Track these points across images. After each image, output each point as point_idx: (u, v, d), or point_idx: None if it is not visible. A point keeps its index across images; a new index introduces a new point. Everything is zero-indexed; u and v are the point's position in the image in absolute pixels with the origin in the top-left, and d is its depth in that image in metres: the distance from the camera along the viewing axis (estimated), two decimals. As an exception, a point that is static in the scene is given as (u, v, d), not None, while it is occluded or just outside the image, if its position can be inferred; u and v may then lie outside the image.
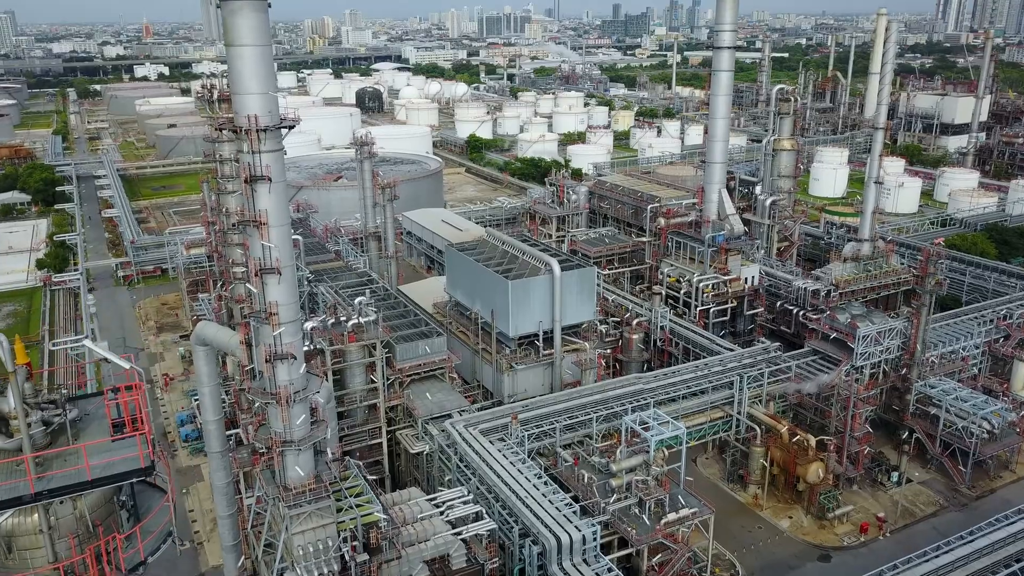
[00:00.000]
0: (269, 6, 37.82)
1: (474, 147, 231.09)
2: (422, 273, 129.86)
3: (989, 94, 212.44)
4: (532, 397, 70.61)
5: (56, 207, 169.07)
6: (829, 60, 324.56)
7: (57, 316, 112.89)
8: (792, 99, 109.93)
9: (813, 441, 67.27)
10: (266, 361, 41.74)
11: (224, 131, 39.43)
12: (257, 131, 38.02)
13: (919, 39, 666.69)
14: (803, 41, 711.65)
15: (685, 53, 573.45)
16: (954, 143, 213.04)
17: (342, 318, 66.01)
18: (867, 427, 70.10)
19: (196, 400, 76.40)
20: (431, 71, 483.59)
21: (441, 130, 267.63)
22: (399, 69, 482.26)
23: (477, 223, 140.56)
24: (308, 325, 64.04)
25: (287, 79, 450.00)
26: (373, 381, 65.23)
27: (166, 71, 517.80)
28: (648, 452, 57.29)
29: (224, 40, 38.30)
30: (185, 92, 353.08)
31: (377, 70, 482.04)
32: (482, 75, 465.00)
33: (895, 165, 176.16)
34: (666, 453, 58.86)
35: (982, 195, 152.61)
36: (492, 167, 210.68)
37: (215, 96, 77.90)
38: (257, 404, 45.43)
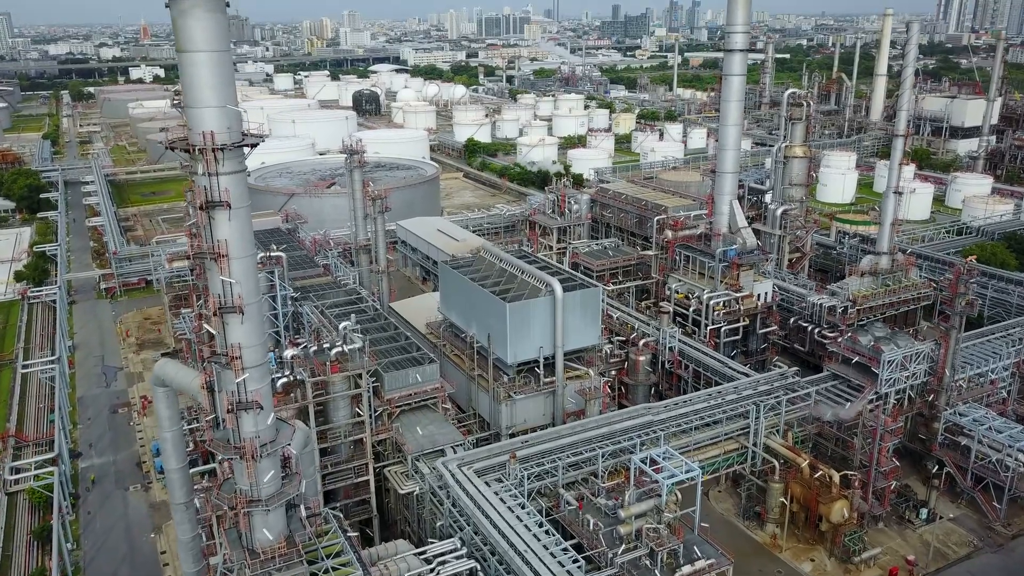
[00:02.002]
0: (227, 5, 32.48)
1: (472, 151, 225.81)
2: (417, 284, 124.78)
3: (999, 96, 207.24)
4: (531, 431, 65.33)
5: (40, 215, 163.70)
6: (833, 61, 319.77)
7: (34, 332, 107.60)
8: (805, 104, 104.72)
9: (837, 477, 62.04)
10: (228, 411, 36.46)
11: (175, 150, 33.99)
12: (214, 150, 32.68)
13: (920, 40, 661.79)
14: (804, 42, 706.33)
15: (685, 54, 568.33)
16: (964, 147, 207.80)
17: (325, 345, 60.77)
18: (894, 460, 64.82)
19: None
20: (429, 73, 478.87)
21: (439, 133, 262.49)
22: (397, 71, 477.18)
23: (475, 231, 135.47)
24: (288, 353, 59.10)
25: (284, 81, 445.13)
26: (359, 413, 59.97)
27: (162, 73, 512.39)
28: (659, 496, 52.14)
29: (175, 46, 33.04)
30: (179, 94, 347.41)
31: (375, 72, 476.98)
32: (481, 77, 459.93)
33: (905, 170, 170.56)
34: (679, 496, 53.66)
35: (997, 201, 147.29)
36: (491, 172, 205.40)
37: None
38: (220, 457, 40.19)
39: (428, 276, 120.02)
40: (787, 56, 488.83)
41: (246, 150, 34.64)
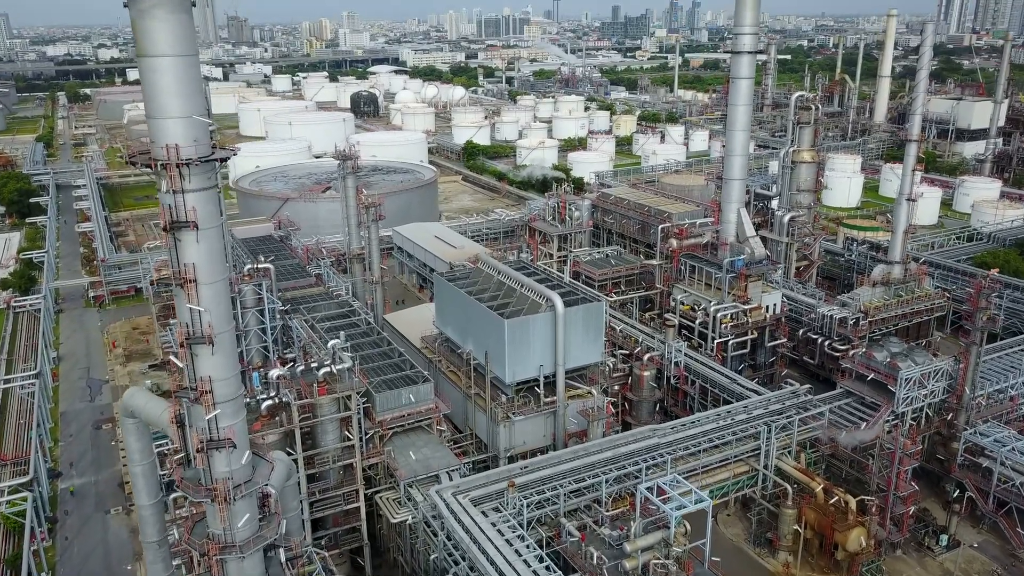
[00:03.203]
0: (193, 5, 29.22)
1: (471, 154, 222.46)
2: (414, 293, 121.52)
3: (1006, 98, 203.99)
4: (531, 454, 62.21)
5: (30, 220, 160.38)
6: (834, 62, 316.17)
7: (18, 343, 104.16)
8: (813, 107, 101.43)
9: (854, 503, 58.79)
10: (198, 451, 33.21)
11: (138, 165, 30.71)
12: (179, 165, 29.41)
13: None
14: (804, 43, 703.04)
15: (686, 55, 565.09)
16: (970, 149, 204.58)
17: (313, 364, 57.52)
18: (912, 484, 61.56)
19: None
20: (428, 74, 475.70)
21: (437, 135, 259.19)
22: (396, 72, 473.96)
23: (473, 237, 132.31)
24: (274, 373, 55.89)
25: (282, 82, 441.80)
26: (349, 437, 56.71)
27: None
28: (667, 528, 48.95)
29: (136, 50, 29.77)
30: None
31: (374, 73, 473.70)
32: (480, 78, 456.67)
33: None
34: (688, 528, 50.43)
35: (1008, 206, 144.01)
36: (490, 175, 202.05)
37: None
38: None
39: (425, 284, 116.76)
40: (788, 57, 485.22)
41: (215, 165, 31.23)
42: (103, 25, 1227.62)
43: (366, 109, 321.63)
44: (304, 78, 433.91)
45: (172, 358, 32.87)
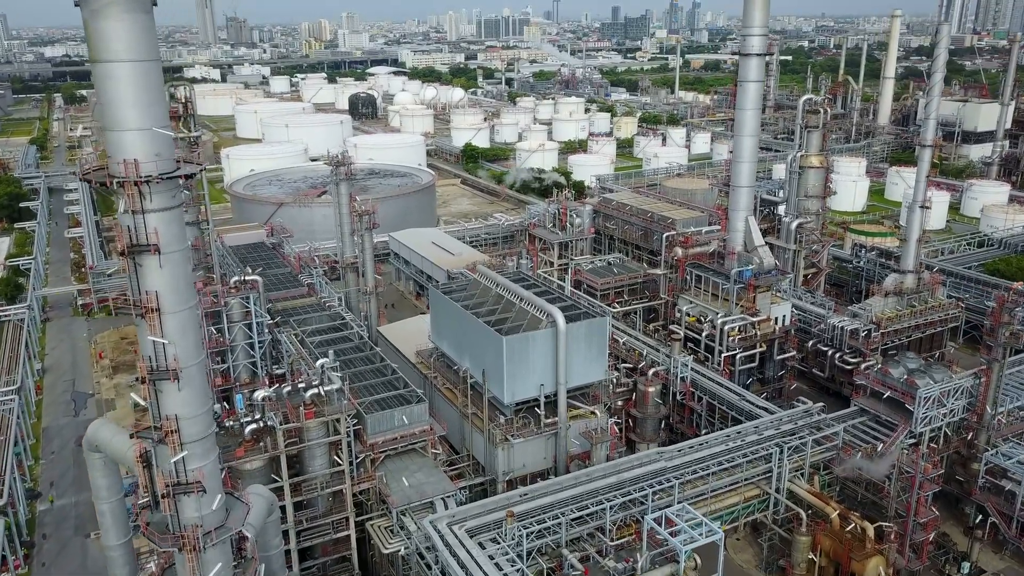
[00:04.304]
0: (154, 4, 26.12)
1: (470, 157, 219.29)
2: (411, 300, 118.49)
3: (1012, 100, 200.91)
4: (531, 477, 59.15)
5: (19, 225, 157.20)
6: (836, 63, 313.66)
7: (1, 354, 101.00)
8: (822, 111, 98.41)
9: (871, 529, 55.72)
10: (163, 496, 30.09)
11: (93, 184, 27.69)
12: (137, 183, 26.31)
13: (923, 41, 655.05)
14: (805, 44, 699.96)
15: (686, 56, 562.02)
16: (976, 152, 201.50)
17: (300, 385, 54.42)
18: (933, 510, 58.46)
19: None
20: (428, 75, 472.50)
21: (436, 138, 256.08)
22: (395, 73, 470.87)
23: (471, 243, 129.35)
24: (259, 395, 52.84)
25: (280, 84, 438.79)
26: (338, 462, 53.61)
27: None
28: (676, 562, 45.95)
29: (89, 54, 26.65)
30: (172, 98, 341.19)
31: (372, 74, 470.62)
32: (480, 79, 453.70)
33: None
34: (698, 561, 47.42)
35: (1018, 211, 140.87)
36: (489, 178, 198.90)
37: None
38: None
39: (422, 291, 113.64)
40: (789, 58, 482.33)
41: (180, 181, 28.13)
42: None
43: (364, 111, 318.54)
44: (302, 79, 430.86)
45: (134, 396, 29.80)
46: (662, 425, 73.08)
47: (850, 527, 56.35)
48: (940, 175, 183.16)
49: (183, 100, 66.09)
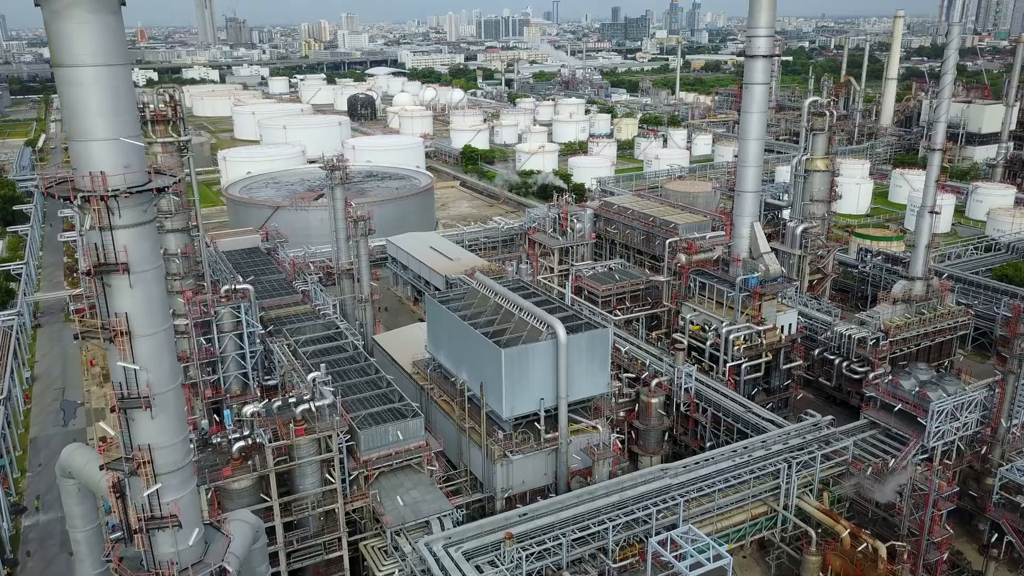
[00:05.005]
0: (123, 4, 24.10)
1: (469, 159, 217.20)
2: (408, 306, 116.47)
3: (1018, 101, 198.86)
4: (530, 493, 57.13)
5: (12, 228, 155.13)
6: (837, 64, 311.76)
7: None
8: (828, 113, 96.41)
9: (884, 549, 53.67)
10: (136, 531, 28.06)
11: (56, 198, 25.68)
12: (104, 197, 24.29)
13: (923, 42, 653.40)
14: (806, 44, 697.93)
15: (687, 57, 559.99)
16: (980, 154, 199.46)
17: (291, 399, 52.40)
18: (947, 528, 56.41)
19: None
20: (427, 76, 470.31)
21: (435, 139, 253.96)
22: (394, 74, 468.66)
23: (470, 247, 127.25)
24: (247, 410, 50.84)
25: (279, 85, 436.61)
26: (330, 480, 51.59)
27: (155, 76, 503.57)
28: (683, 587, 43.87)
29: (51, 59, 24.62)
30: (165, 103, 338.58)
31: (372, 75, 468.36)
32: (479, 80, 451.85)
33: (921, 180, 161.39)
34: (706, 586, 45.31)
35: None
36: (488, 180, 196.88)
37: (147, 116, 64.86)
38: None
39: (420, 297, 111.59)
40: (790, 59, 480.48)
41: (152, 194, 26.08)
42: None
43: (363, 112, 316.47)
44: (301, 80, 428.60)
45: (103, 425, 27.78)
46: (665, 437, 71.12)
47: (862, 547, 54.37)
48: (944, 178, 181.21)
49: (172, 103, 64.00)
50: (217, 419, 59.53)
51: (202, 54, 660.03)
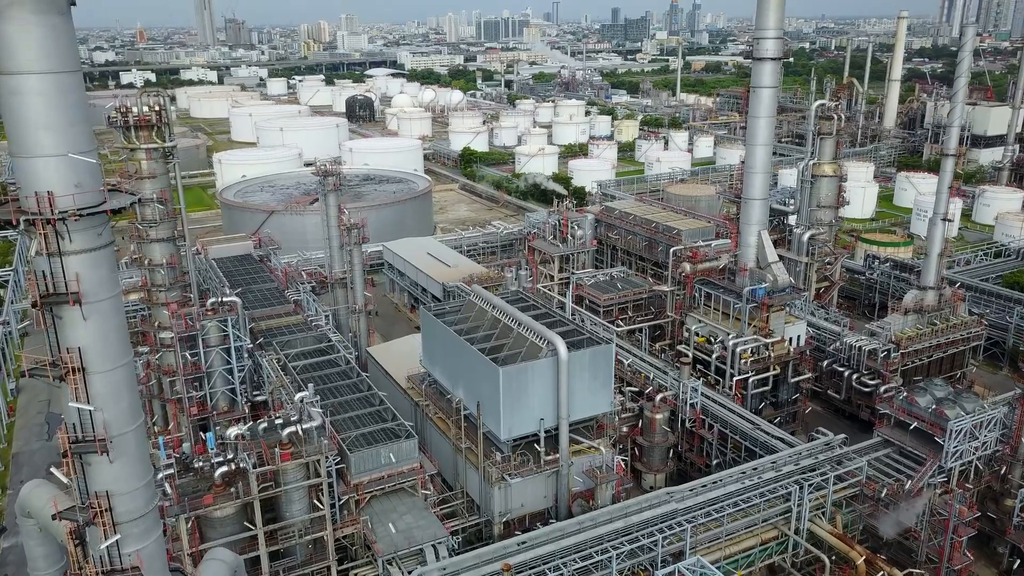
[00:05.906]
0: (72, 4, 21.46)
1: (468, 161, 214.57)
2: (405, 313, 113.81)
3: (1023, 103, 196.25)
4: (529, 517, 54.49)
5: (1, 234, 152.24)
6: (843, 65, 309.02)
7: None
8: (835, 117, 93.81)
9: (901, 578, 51.08)
10: (94, 586, 25.43)
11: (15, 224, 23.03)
12: (52, 221, 21.65)
13: (924, 43, 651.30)
14: (807, 45, 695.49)
15: (687, 58, 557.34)
16: (986, 156, 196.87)
17: (277, 421, 49.75)
18: (968, 555, 53.80)
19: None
20: (427, 77, 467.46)
21: (434, 141, 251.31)
22: (394, 75, 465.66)
23: (469, 252, 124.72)
24: (231, 432, 48.19)
25: (278, 86, 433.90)
26: (319, 506, 48.93)
27: (153, 78, 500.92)
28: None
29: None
30: (171, 100, 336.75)
31: (371, 76, 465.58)
32: (479, 81, 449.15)
33: (927, 183, 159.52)
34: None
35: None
36: (488, 183, 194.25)
37: (131, 121, 62.25)
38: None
39: (417, 304, 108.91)
40: (791, 60, 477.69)
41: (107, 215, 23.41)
42: (102, 27, 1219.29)
43: (361, 113, 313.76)
44: (300, 81, 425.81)
45: (55, 472, 25.20)
46: (670, 454, 68.57)
47: (878, 575, 51.74)
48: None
49: (156, 108, 61.43)
50: (203, 436, 56.94)
51: (201, 55, 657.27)
